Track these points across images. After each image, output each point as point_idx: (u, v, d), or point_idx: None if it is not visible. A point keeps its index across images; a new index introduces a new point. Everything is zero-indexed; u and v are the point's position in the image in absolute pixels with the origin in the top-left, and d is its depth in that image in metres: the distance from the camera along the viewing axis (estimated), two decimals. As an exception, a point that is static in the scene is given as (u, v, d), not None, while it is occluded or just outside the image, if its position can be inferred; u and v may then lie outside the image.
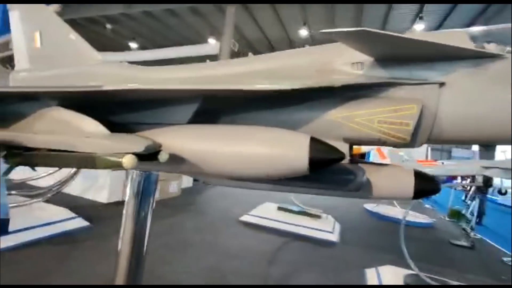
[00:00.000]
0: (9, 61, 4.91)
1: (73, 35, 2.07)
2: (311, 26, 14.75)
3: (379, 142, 1.21)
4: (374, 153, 12.15)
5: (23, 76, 2.18)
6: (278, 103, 1.38)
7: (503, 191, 8.01)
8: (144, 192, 1.89)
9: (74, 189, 6.36)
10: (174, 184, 8.01)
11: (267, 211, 7.02)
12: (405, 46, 1.13)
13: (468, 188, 7.21)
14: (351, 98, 1.25)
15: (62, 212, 4.88)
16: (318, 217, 6.89)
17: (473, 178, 7.25)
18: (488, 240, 7.60)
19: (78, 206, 5.67)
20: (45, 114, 1.39)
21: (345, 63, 1.36)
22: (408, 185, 1.38)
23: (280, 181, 1.43)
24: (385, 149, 11.24)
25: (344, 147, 1.25)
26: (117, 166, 1.10)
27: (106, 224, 5.25)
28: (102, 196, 6.54)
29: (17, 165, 1.44)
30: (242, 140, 1.19)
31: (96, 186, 6.63)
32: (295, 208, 7.17)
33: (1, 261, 3.42)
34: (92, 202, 6.43)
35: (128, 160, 1.08)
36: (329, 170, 1.24)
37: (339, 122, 1.24)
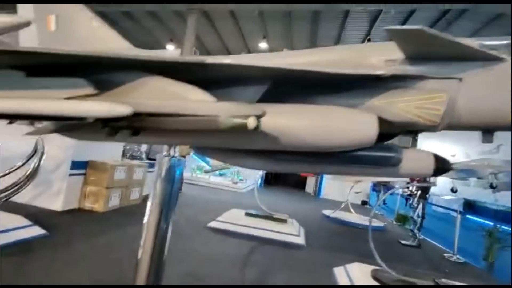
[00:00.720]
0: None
1: (96, 22, 1.99)
2: (270, 41, 15.37)
3: (412, 125, 1.45)
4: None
5: None
6: (334, 89, 1.54)
7: (454, 189, 9.13)
8: (170, 181, 1.88)
9: (22, 196, 5.73)
10: (136, 191, 7.64)
11: (234, 217, 7.05)
12: (444, 45, 1.37)
13: (415, 193, 8.01)
14: (393, 88, 1.50)
15: (15, 220, 4.39)
16: (284, 221, 7.10)
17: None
18: (430, 240, 8.52)
19: (29, 214, 5.13)
20: (149, 82, 1.38)
21: (380, 60, 1.61)
22: (429, 164, 1.63)
23: (332, 162, 1.60)
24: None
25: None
26: (241, 127, 1.19)
27: (64, 232, 4.84)
28: (56, 204, 5.99)
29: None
30: (323, 116, 1.35)
31: (50, 193, 6.06)
32: (261, 213, 7.31)
33: None
34: (45, 210, 5.85)
35: (252, 121, 1.18)
36: (375, 148, 1.45)
37: (383, 107, 1.46)
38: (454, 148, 15.44)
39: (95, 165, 6.57)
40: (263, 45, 15.55)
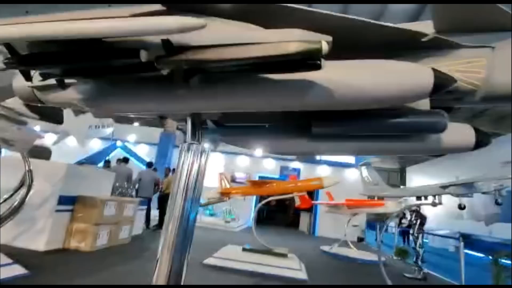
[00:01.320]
0: None
1: None
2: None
3: (455, 89, 1.44)
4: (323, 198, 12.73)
5: None
6: (379, 53, 1.54)
7: (462, 206, 8.93)
8: (191, 186, 1.74)
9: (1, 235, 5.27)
10: (126, 229, 7.20)
11: (231, 253, 6.65)
12: (484, 12, 1.41)
13: (414, 222, 7.87)
14: (431, 56, 1.50)
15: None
16: (284, 255, 6.74)
17: (417, 214, 8.00)
18: (433, 273, 8.19)
19: (9, 253, 4.68)
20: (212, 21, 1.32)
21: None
22: (470, 136, 1.61)
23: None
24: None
25: None
26: (315, 51, 1.20)
27: (47, 272, 4.38)
28: (38, 243, 5.51)
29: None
30: (381, 67, 1.37)
31: (32, 231, 5.60)
32: (260, 248, 6.94)
33: None
34: (26, 251, 5.36)
35: (325, 45, 1.18)
36: (417, 115, 1.42)
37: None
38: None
39: (84, 200, 6.22)
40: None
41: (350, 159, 17.36)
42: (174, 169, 10.46)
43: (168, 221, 1.77)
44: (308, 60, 1.23)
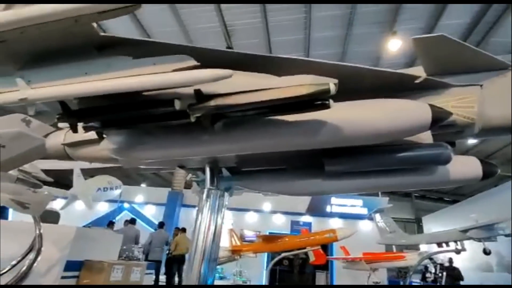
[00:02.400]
0: None
1: None
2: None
3: (452, 123, 1.54)
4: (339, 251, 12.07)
5: None
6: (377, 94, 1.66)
7: (487, 250, 8.19)
8: (215, 207, 1.75)
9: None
10: (137, 271, 6.78)
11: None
12: (462, 52, 1.56)
13: (440, 275, 7.33)
14: (426, 95, 1.62)
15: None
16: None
17: (442, 267, 7.49)
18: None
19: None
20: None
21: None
22: (477, 167, 1.65)
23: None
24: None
25: None
26: (324, 91, 1.36)
27: None
28: None
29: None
30: (381, 106, 1.46)
31: None
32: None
33: None
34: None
35: (333, 86, 1.34)
36: (421, 148, 1.50)
37: None
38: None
39: (90, 266, 6.00)
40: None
41: (362, 210, 16.79)
42: (183, 228, 10.22)
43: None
44: (318, 100, 1.38)
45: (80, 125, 1.69)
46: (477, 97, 1.57)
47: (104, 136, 1.85)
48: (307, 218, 17.98)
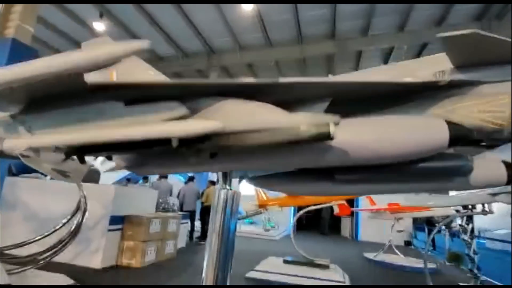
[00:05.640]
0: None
1: (152, 71, 2.20)
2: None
3: (478, 130, 1.38)
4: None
5: None
6: (389, 103, 1.55)
7: None
8: (229, 208, 1.86)
9: (61, 255, 5.81)
10: (171, 244, 7.55)
11: (273, 266, 6.68)
12: (497, 47, 1.35)
13: (465, 226, 7.30)
14: (451, 96, 1.46)
15: (59, 279, 4.42)
16: (326, 267, 6.63)
17: (468, 218, 7.42)
18: (492, 280, 7.54)
19: (69, 272, 5.15)
20: (226, 105, 1.43)
21: (429, 73, 1.59)
22: (501, 170, 1.53)
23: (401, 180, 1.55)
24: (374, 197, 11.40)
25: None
26: (323, 136, 1.25)
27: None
28: (95, 261, 6.00)
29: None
30: (392, 124, 1.35)
31: (89, 250, 6.11)
32: (301, 260, 6.89)
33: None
34: (84, 268, 5.85)
35: (333, 128, 1.23)
36: (442, 158, 1.40)
37: (445, 115, 1.42)
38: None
39: (131, 219, 6.66)
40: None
41: None
42: (213, 182, 10.76)
43: (210, 237, 1.88)
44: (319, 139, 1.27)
45: None
46: (509, 98, 1.35)
47: None
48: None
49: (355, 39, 12.43)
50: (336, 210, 7.58)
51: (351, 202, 13.11)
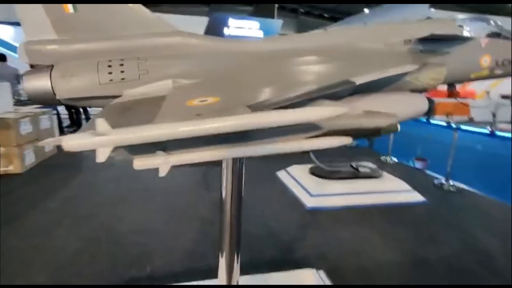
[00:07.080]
0: None
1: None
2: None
3: (423, 89, 2.00)
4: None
5: (53, 49, 1.65)
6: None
7: None
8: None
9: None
10: (45, 118, 6.88)
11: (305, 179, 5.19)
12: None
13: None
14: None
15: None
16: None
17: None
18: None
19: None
20: None
21: (400, 40, 2.03)
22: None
23: None
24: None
25: None
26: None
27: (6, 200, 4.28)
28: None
29: None
30: (386, 100, 1.78)
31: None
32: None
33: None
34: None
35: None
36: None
37: (410, 81, 1.93)
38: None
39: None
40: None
41: (259, 33, 16.59)
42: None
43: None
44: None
45: None
46: (446, 69, 1.93)
47: None
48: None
49: None
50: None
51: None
